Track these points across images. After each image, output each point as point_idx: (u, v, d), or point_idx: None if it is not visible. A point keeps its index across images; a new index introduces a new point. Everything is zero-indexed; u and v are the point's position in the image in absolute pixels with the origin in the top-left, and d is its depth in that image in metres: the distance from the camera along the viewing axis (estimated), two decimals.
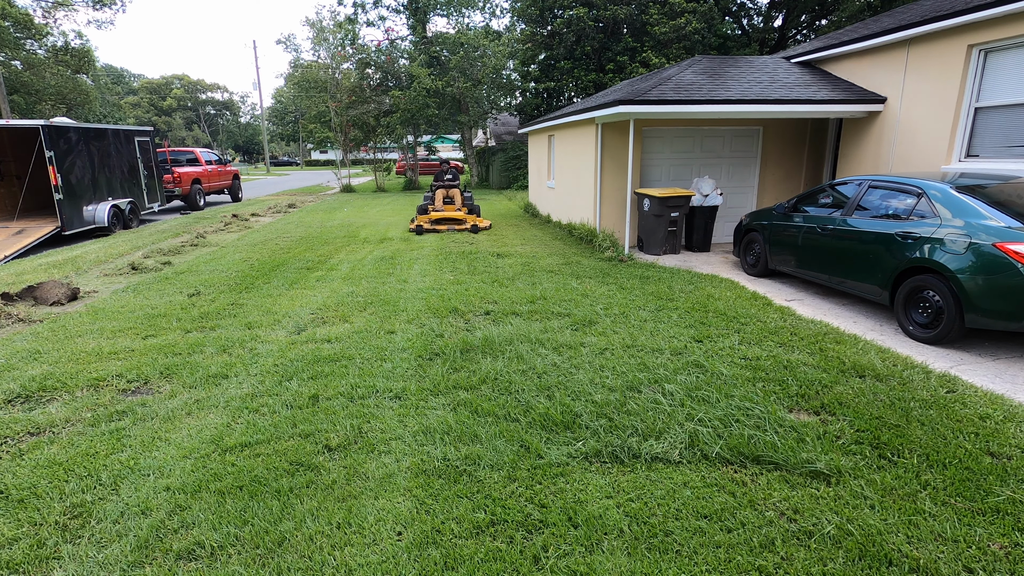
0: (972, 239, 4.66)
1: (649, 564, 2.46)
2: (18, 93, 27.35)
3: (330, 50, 25.89)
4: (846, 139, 8.97)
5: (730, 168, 10.05)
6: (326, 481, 3.08)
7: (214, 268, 8.70)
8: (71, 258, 9.85)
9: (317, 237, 11.75)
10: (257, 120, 77.06)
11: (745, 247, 7.80)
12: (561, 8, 22.01)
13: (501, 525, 2.72)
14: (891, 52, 8.07)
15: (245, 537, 2.66)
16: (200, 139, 68.57)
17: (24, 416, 3.90)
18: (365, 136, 25.78)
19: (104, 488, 3.07)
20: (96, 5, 28.25)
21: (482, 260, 8.94)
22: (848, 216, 5.98)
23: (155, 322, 5.95)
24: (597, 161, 9.69)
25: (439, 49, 26.18)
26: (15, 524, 2.79)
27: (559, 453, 3.30)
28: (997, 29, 6.50)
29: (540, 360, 4.68)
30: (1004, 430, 3.45)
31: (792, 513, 2.76)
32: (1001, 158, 6.71)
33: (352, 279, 7.80)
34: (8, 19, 25.05)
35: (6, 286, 7.37)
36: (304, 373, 4.53)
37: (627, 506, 2.83)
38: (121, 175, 14.17)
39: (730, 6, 22.88)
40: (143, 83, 71.88)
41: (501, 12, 37.41)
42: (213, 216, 15.98)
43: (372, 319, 5.94)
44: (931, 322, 4.98)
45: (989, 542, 2.54)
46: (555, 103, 24.29)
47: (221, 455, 3.36)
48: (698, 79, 9.08)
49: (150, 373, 4.59)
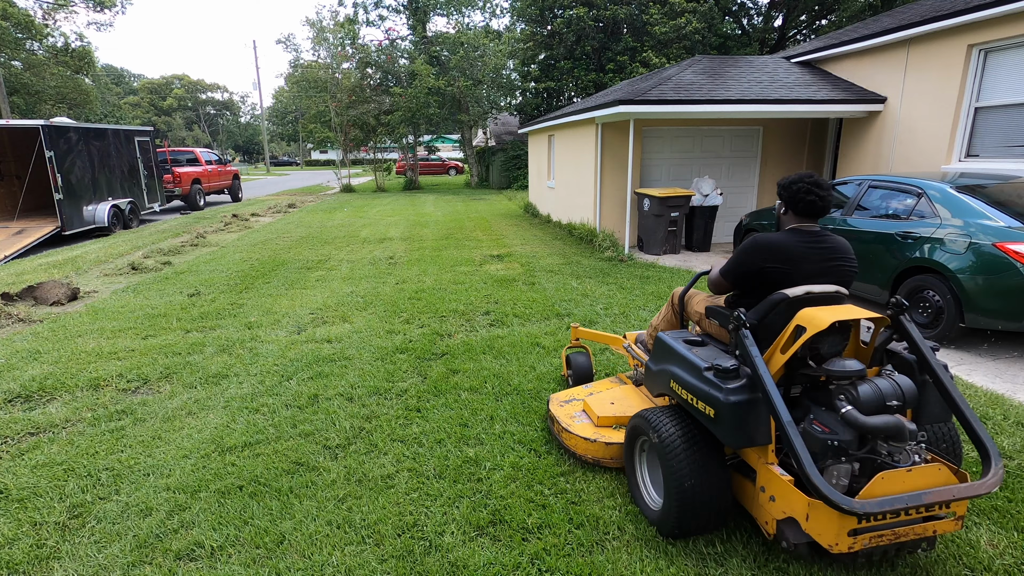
0: (972, 239, 4.66)
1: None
2: (18, 94, 27.35)
3: (330, 50, 25.87)
4: (846, 139, 8.97)
5: (730, 168, 10.05)
6: (326, 481, 3.08)
7: (214, 268, 8.70)
8: (71, 258, 9.85)
9: (317, 237, 11.76)
10: (257, 120, 77.09)
11: None
12: (561, 8, 22.01)
13: (502, 526, 2.72)
14: (891, 52, 8.07)
15: (245, 537, 2.66)
16: (200, 139, 68.56)
17: (24, 416, 3.90)
18: (365, 136, 25.76)
19: (104, 488, 3.07)
20: (96, 7, 28.24)
21: (482, 260, 8.94)
22: (848, 216, 5.98)
23: (155, 322, 5.95)
24: (597, 161, 9.69)
25: (439, 49, 26.18)
26: (15, 524, 2.79)
27: (560, 455, 3.30)
28: (997, 29, 6.50)
29: (541, 361, 4.68)
30: (1004, 430, 3.45)
31: None
32: (1001, 158, 6.71)
33: (352, 279, 7.81)
34: (8, 20, 25.05)
35: (6, 286, 7.37)
36: (304, 373, 4.53)
37: (628, 507, 2.83)
38: (121, 175, 14.17)
39: (730, 6, 22.88)
40: (143, 83, 71.87)
41: (501, 12, 37.40)
42: (213, 216, 15.98)
43: (372, 319, 5.94)
44: (931, 322, 4.97)
45: (989, 543, 2.54)
46: (555, 103, 24.30)
47: (221, 455, 3.36)
48: (698, 79, 9.09)
49: (150, 373, 4.59)
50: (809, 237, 2.58)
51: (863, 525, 2.08)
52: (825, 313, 2.26)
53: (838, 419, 2.22)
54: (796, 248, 2.55)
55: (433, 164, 39.09)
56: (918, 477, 2.08)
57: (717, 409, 2.30)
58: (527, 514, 2.78)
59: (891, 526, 2.11)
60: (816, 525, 2.11)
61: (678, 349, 2.68)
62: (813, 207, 2.57)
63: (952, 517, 2.19)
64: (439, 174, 38.72)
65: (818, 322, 2.22)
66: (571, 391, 3.69)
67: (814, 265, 2.55)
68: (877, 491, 2.05)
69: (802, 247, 2.55)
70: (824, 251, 2.58)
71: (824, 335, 2.33)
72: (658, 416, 2.63)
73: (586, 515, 2.76)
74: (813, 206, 2.57)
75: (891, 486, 2.06)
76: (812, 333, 2.22)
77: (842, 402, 2.22)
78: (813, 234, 2.59)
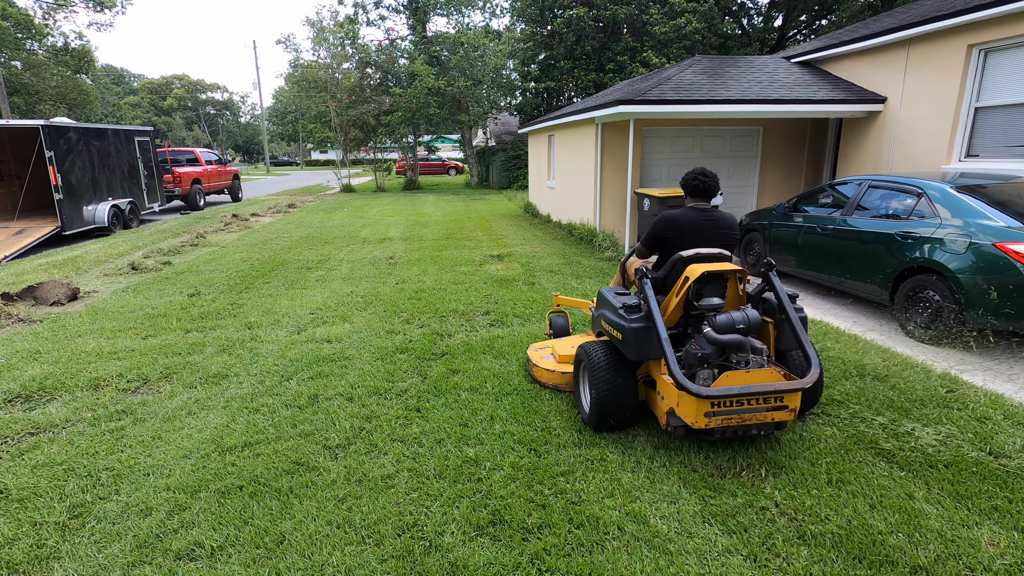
0: (972, 239, 4.66)
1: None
2: (18, 94, 27.35)
3: (330, 50, 25.86)
4: (846, 139, 8.97)
5: (730, 168, 10.05)
6: (326, 481, 3.08)
7: (214, 268, 8.70)
8: (71, 258, 9.85)
9: (317, 237, 11.75)
10: (257, 120, 77.06)
11: (745, 247, 7.79)
12: (561, 8, 22.01)
13: (502, 526, 2.72)
14: (891, 52, 8.07)
15: (245, 537, 2.66)
16: (200, 139, 68.55)
17: (24, 416, 3.90)
18: (365, 136, 25.75)
19: (104, 488, 3.06)
20: (96, 7, 28.24)
21: (482, 260, 8.95)
22: (848, 216, 5.98)
23: (155, 322, 5.95)
24: (597, 161, 9.69)
25: (439, 49, 26.17)
26: (15, 524, 2.79)
27: (560, 455, 3.30)
28: (997, 29, 6.50)
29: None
30: (1004, 430, 3.45)
31: (793, 513, 2.76)
32: (1001, 158, 6.70)
33: (352, 279, 7.81)
34: (8, 19, 25.04)
35: (6, 286, 7.37)
36: (304, 373, 4.53)
37: (628, 507, 2.83)
38: (121, 175, 14.17)
39: (730, 6, 22.88)
40: (143, 83, 71.88)
41: (501, 12, 37.41)
42: (213, 216, 15.98)
43: (372, 319, 5.94)
44: (931, 322, 4.97)
45: (989, 543, 2.54)
46: (555, 103, 24.30)
47: (221, 455, 3.36)
48: (698, 79, 9.08)
49: (150, 373, 4.59)
50: (700, 212, 3.59)
51: (715, 409, 2.93)
52: (701, 266, 3.20)
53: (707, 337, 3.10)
54: (690, 220, 3.56)
55: (433, 164, 39.06)
56: (754, 376, 3.00)
57: (623, 333, 3.25)
58: (527, 514, 2.78)
59: (737, 412, 2.97)
60: (684, 410, 3.01)
61: (608, 297, 3.55)
62: (699, 189, 3.62)
63: (787, 410, 3.01)
64: (439, 174, 38.71)
65: (694, 272, 3.18)
66: (547, 342, 4.62)
67: (703, 233, 3.53)
68: (722, 384, 2.95)
69: (694, 220, 3.56)
70: (711, 223, 3.56)
71: (704, 283, 3.25)
72: (592, 346, 3.55)
73: (586, 515, 2.76)
74: (699, 188, 3.62)
75: (733, 381, 2.96)
76: (691, 281, 3.19)
77: (705, 326, 3.16)
78: (704, 210, 3.61)
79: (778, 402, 2.97)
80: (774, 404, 2.97)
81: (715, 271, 3.20)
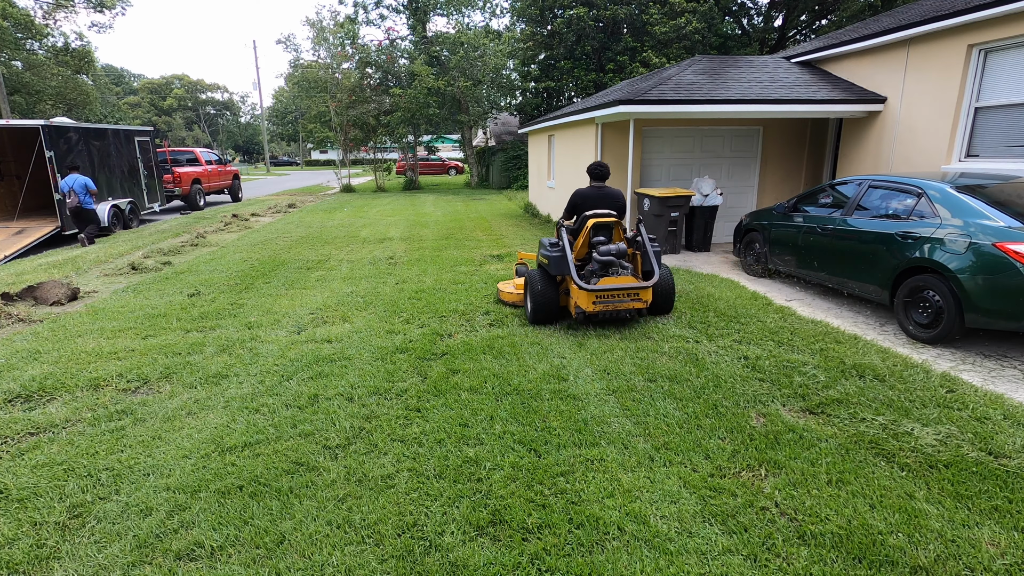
0: (972, 239, 4.66)
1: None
2: (19, 93, 27.35)
3: (330, 50, 25.85)
4: (846, 139, 8.97)
5: (730, 168, 10.05)
6: (326, 481, 3.08)
7: (214, 268, 8.70)
8: (71, 258, 9.85)
9: (317, 237, 11.75)
10: (257, 120, 77.04)
11: (745, 247, 7.79)
12: (561, 8, 22.01)
13: (502, 526, 2.72)
14: (891, 52, 8.07)
15: (245, 537, 2.66)
16: (200, 139, 68.54)
17: (24, 416, 3.90)
18: (365, 136, 25.75)
19: (104, 488, 3.06)
20: (96, 7, 28.25)
21: (482, 260, 8.94)
22: (848, 216, 5.98)
23: (155, 322, 5.95)
24: None
25: (439, 49, 26.16)
26: (15, 524, 2.79)
27: (560, 455, 3.30)
28: (997, 29, 6.50)
29: (541, 360, 4.68)
30: (1004, 430, 3.45)
31: (793, 513, 2.76)
32: (1001, 158, 6.70)
33: (352, 279, 7.80)
34: (8, 19, 25.05)
35: (6, 286, 7.37)
36: (304, 373, 4.53)
37: (628, 507, 2.83)
38: (121, 175, 14.17)
39: (730, 6, 22.88)
40: (143, 83, 71.88)
41: (501, 12, 37.42)
42: (213, 216, 15.98)
43: (372, 319, 5.94)
44: (931, 322, 4.97)
45: (989, 543, 2.54)
46: (555, 103, 24.30)
47: (221, 455, 3.36)
48: (698, 79, 9.08)
49: (150, 373, 4.59)
50: (597, 189, 5.75)
51: (598, 298, 5.13)
52: (594, 219, 5.46)
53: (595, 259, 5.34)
54: (591, 194, 5.72)
55: (433, 164, 39.06)
56: (621, 280, 5.19)
57: (548, 259, 5.37)
58: (527, 514, 2.78)
59: (610, 301, 5.17)
60: (581, 301, 5.17)
61: (543, 241, 5.62)
62: (596, 173, 5.79)
63: (642, 301, 5.25)
64: (439, 174, 38.70)
65: (590, 222, 5.45)
66: (512, 280, 6.69)
67: (599, 202, 5.69)
68: (601, 283, 5.12)
69: (594, 193, 5.72)
70: (604, 196, 5.71)
71: (597, 230, 5.53)
72: (532, 272, 5.61)
73: (586, 515, 2.76)
74: (597, 173, 5.79)
75: (608, 282, 5.15)
76: (589, 227, 5.44)
77: (595, 252, 5.35)
78: (600, 188, 5.76)
79: (636, 296, 5.21)
80: (634, 296, 5.21)
81: (602, 221, 5.48)
